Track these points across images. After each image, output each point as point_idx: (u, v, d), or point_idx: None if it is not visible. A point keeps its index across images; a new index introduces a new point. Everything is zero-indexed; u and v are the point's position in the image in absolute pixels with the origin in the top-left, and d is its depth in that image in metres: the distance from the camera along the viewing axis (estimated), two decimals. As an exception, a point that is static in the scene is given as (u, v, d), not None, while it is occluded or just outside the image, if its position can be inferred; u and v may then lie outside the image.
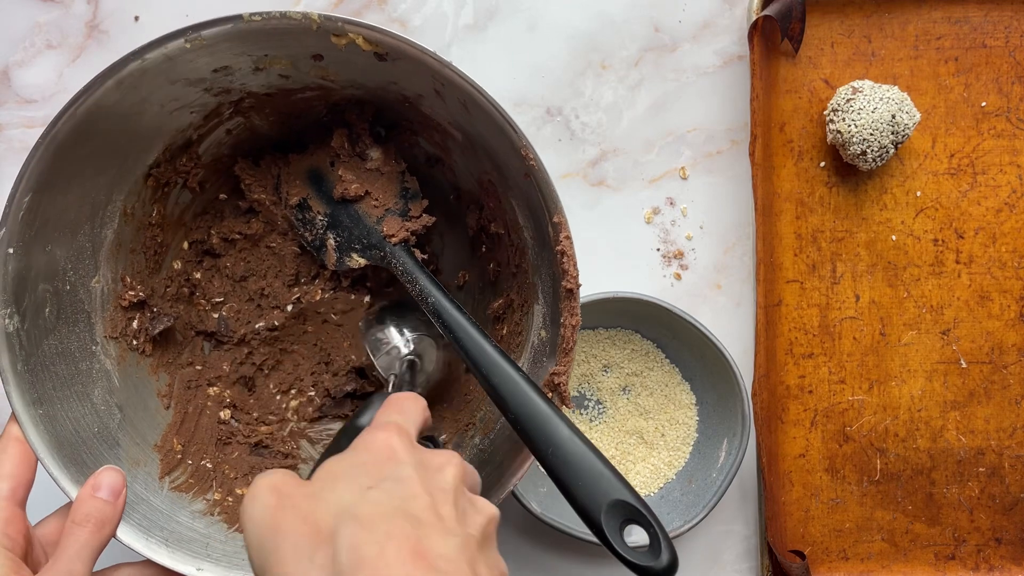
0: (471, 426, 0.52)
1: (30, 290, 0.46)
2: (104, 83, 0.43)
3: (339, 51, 0.45)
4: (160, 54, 0.43)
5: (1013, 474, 0.59)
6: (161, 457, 0.51)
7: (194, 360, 0.56)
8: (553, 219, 0.45)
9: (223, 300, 0.56)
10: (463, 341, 0.46)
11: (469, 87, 0.44)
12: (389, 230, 0.52)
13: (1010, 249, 0.59)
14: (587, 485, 0.41)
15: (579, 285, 0.46)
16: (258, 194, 0.55)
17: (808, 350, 0.60)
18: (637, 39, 0.61)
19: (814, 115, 0.59)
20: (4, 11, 0.60)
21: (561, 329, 0.46)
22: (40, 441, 0.45)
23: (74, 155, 0.45)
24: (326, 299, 0.56)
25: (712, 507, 0.57)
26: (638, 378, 0.60)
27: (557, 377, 0.46)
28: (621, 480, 0.41)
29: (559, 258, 0.45)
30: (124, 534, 0.46)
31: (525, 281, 0.51)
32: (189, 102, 0.48)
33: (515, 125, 0.44)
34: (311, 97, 0.51)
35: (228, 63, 0.46)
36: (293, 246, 0.56)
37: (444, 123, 0.51)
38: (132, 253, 0.52)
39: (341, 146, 0.52)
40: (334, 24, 0.43)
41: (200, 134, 0.52)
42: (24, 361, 0.45)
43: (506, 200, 0.50)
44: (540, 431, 0.43)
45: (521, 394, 0.44)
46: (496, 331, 0.54)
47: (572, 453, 0.42)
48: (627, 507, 0.41)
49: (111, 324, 0.51)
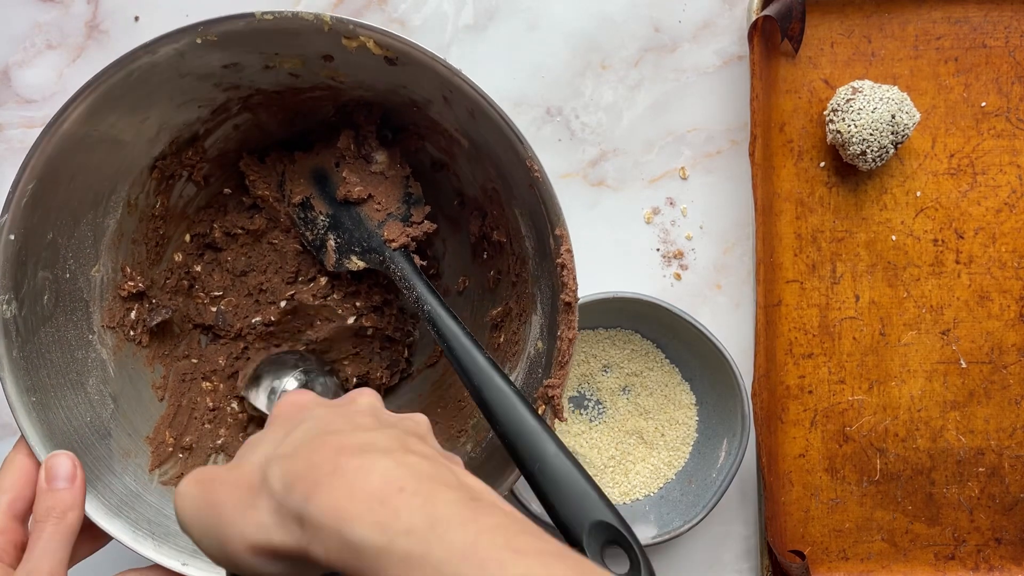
0: (463, 433, 0.52)
1: (29, 277, 0.46)
2: (114, 74, 0.43)
3: (349, 53, 0.45)
4: (171, 49, 0.44)
5: (1013, 474, 0.59)
6: (152, 449, 0.51)
7: (190, 353, 0.56)
8: (555, 232, 0.45)
9: (222, 294, 0.56)
10: (456, 351, 0.46)
11: (477, 96, 0.44)
12: (390, 235, 0.52)
13: (1010, 249, 0.59)
14: (571, 504, 0.41)
15: (578, 299, 0.46)
16: (262, 190, 0.55)
17: (808, 350, 0.60)
18: (637, 39, 0.61)
19: (814, 115, 0.59)
20: (4, 11, 0.60)
21: (558, 342, 0.46)
22: (32, 429, 0.45)
23: (80, 145, 0.45)
24: (315, 304, 0.55)
25: (712, 507, 0.57)
26: (638, 378, 0.60)
27: (551, 390, 0.46)
28: (605, 501, 0.41)
29: (559, 271, 0.45)
30: (112, 527, 0.46)
31: (525, 291, 0.51)
32: (198, 97, 0.48)
33: (521, 136, 0.44)
34: (319, 97, 0.52)
35: (238, 60, 0.46)
36: (295, 243, 0.56)
37: (451, 129, 0.51)
38: (133, 244, 0.52)
39: (347, 147, 0.52)
40: (345, 27, 0.43)
41: (207, 128, 0.52)
42: (20, 348, 0.45)
43: (509, 209, 0.50)
44: (527, 446, 0.42)
45: (511, 407, 0.43)
46: (493, 339, 0.54)
47: (558, 471, 0.42)
48: (609, 528, 0.41)
49: (109, 314, 0.51)
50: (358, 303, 0.56)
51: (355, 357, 0.57)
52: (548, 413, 0.46)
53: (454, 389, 0.56)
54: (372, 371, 0.58)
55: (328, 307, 0.56)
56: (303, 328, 0.56)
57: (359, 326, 0.56)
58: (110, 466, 0.48)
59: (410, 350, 0.60)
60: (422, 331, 0.60)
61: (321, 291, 0.56)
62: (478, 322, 0.56)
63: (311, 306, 0.55)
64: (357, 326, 0.56)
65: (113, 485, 0.48)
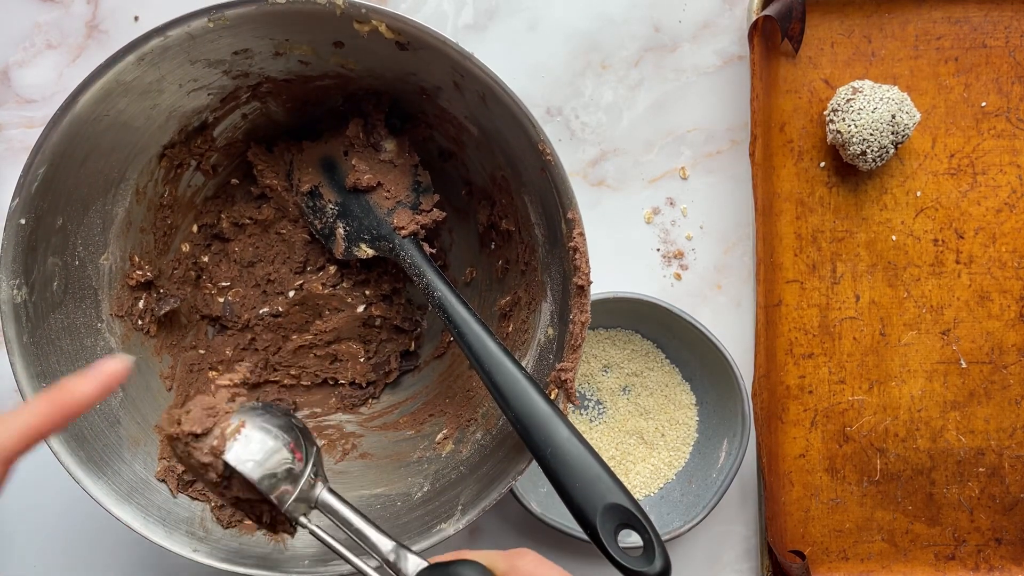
0: (473, 421, 0.52)
1: (39, 262, 0.46)
2: (125, 58, 0.44)
3: (360, 39, 0.45)
4: (183, 32, 0.44)
5: (1013, 474, 0.59)
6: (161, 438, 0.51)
7: (197, 344, 0.56)
8: (567, 215, 0.45)
9: (230, 285, 0.56)
10: (467, 337, 0.46)
11: (489, 80, 0.44)
12: (399, 222, 0.52)
13: (1010, 249, 0.59)
14: (584, 487, 0.41)
15: (590, 282, 0.46)
16: (270, 180, 0.55)
17: (808, 350, 0.60)
18: (637, 39, 0.61)
19: (814, 115, 0.59)
20: (4, 11, 0.60)
21: (570, 326, 0.46)
22: None
23: (91, 129, 0.45)
24: (324, 293, 0.56)
25: (712, 507, 0.57)
26: (638, 378, 0.60)
27: (564, 373, 0.46)
28: (618, 484, 0.41)
29: (571, 254, 0.46)
30: (122, 513, 0.46)
31: (534, 278, 0.51)
32: (207, 83, 0.49)
33: (534, 119, 0.44)
34: (329, 85, 0.52)
35: (249, 46, 0.46)
36: (303, 233, 0.56)
37: (460, 117, 0.51)
38: (142, 232, 0.52)
39: (356, 136, 0.53)
40: (357, 11, 0.43)
41: (216, 116, 0.52)
42: (30, 333, 0.46)
43: (518, 197, 0.50)
44: (539, 431, 0.43)
45: (522, 393, 0.44)
46: (502, 328, 0.55)
47: (570, 454, 0.42)
48: (623, 511, 0.41)
49: (117, 302, 0.51)
50: (367, 291, 0.57)
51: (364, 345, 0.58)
52: (560, 397, 0.47)
53: (462, 380, 0.56)
54: (378, 367, 0.58)
55: (337, 296, 0.56)
56: (311, 319, 0.57)
57: (368, 315, 0.56)
58: (120, 454, 0.48)
59: (417, 341, 0.60)
60: (430, 321, 0.60)
61: (331, 280, 0.56)
62: (487, 312, 0.57)
63: (320, 296, 0.56)
64: (366, 315, 0.56)
65: (123, 472, 0.48)
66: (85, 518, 0.60)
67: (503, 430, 0.50)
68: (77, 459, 0.46)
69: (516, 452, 0.47)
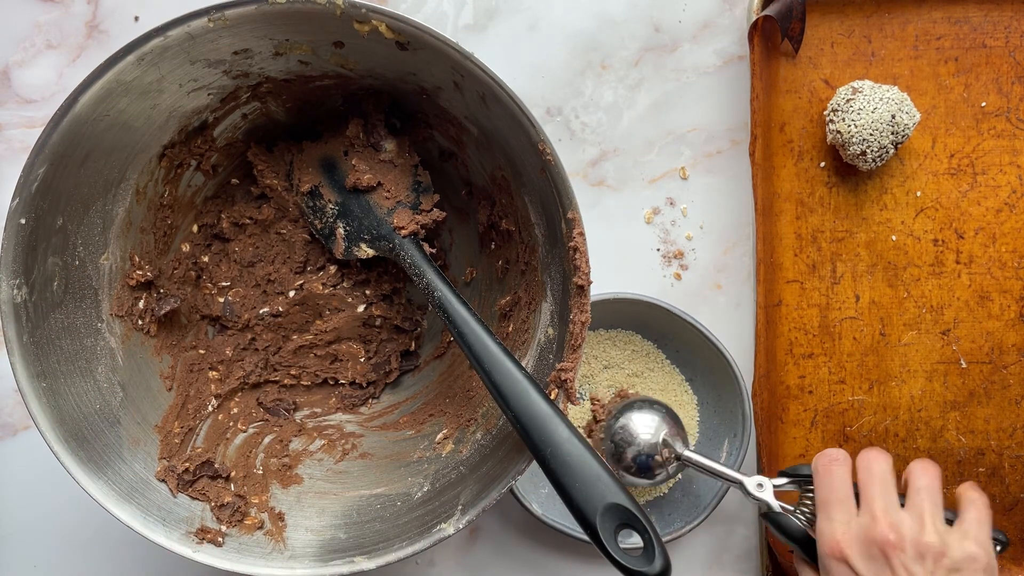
0: (473, 421, 0.52)
1: (40, 262, 0.46)
2: (125, 58, 0.44)
3: (360, 39, 0.45)
4: (183, 32, 0.44)
5: (1013, 474, 0.59)
6: (161, 438, 0.51)
7: (197, 344, 0.56)
8: (567, 215, 0.45)
9: (230, 285, 0.56)
10: (466, 336, 0.46)
11: (489, 79, 0.44)
12: (399, 222, 0.52)
13: (1010, 249, 0.59)
14: (584, 487, 0.41)
15: (590, 282, 0.46)
16: (270, 180, 0.55)
17: (808, 350, 0.60)
18: (637, 39, 0.61)
19: (814, 115, 0.59)
20: (4, 11, 0.60)
21: (570, 325, 0.47)
22: (42, 414, 0.45)
23: (91, 129, 0.45)
24: (324, 293, 0.56)
25: (713, 507, 0.57)
26: (639, 379, 0.60)
27: (564, 373, 0.46)
28: (618, 484, 0.41)
29: (571, 254, 0.46)
30: (122, 512, 0.46)
31: (534, 278, 0.51)
32: (207, 83, 0.49)
33: (534, 119, 0.44)
34: (329, 85, 0.52)
35: (249, 46, 0.46)
36: (303, 233, 0.56)
37: (460, 117, 0.51)
38: (142, 232, 0.52)
39: (356, 136, 0.53)
40: (358, 10, 0.43)
41: (216, 116, 0.52)
42: (30, 333, 0.46)
43: (518, 197, 0.50)
44: (539, 430, 0.43)
45: (522, 392, 0.44)
46: (502, 328, 0.55)
47: (570, 454, 0.42)
48: (623, 511, 0.41)
49: (118, 302, 0.51)
50: (367, 291, 0.57)
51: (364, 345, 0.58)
52: (560, 397, 0.47)
53: (462, 380, 0.56)
54: (378, 367, 0.58)
55: (338, 296, 0.56)
56: (311, 319, 0.57)
57: (368, 315, 0.56)
58: (120, 453, 0.48)
59: (418, 341, 0.60)
60: (430, 321, 0.60)
61: (331, 280, 0.56)
62: (487, 312, 0.57)
63: (320, 295, 0.56)
64: (366, 315, 0.56)
65: (123, 472, 0.48)
66: (85, 518, 0.60)
67: (503, 430, 0.50)
68: (77, 459, 0.46)
69: (516, 452, 0.47)
